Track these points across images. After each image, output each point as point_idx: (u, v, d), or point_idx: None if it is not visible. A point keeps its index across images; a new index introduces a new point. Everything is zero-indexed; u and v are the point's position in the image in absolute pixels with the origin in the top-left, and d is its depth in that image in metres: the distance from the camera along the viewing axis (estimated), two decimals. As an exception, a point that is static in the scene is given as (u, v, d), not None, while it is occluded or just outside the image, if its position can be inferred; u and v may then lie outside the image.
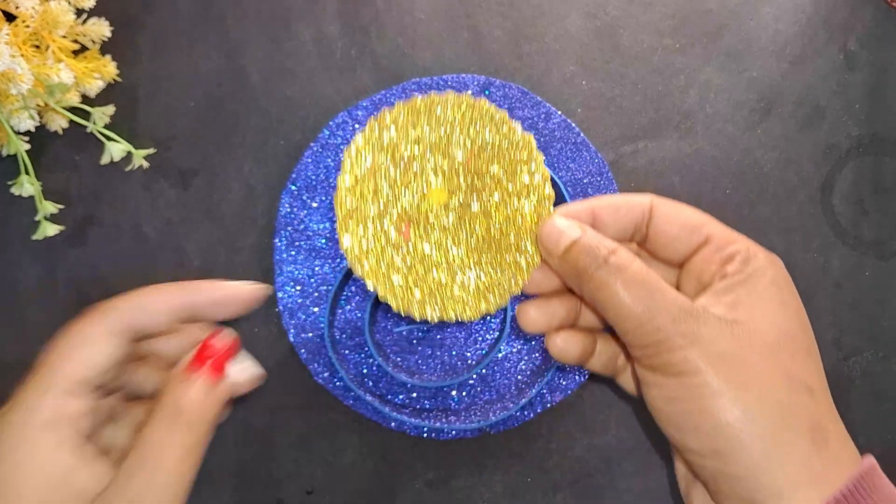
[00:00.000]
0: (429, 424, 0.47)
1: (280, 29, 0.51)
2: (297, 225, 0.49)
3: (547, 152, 0.49)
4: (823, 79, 0.51)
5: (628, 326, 0.29)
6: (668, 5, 0.51)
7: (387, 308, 0.50)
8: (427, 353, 0.50)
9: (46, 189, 0.50)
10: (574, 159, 0.49)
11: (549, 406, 0.49)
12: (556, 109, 0.50)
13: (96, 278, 0.50)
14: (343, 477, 0.50)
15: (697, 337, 0.28)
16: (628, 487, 0.50)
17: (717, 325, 0.29)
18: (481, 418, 0.47)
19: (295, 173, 0.50)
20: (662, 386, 0.29)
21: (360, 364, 0.49)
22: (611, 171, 0.49)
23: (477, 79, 0.50)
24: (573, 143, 0.49)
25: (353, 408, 0.49)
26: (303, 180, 0.50)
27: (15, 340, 0.50)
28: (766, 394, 0.28)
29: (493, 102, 0.48)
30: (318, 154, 0.50)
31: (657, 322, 0.29)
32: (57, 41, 0.47)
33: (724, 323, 0.29)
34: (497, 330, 0.49)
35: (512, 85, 0.49)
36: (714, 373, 0.28)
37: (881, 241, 0.51)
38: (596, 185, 0.49)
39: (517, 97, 0.49)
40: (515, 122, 0.33)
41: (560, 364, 0.48)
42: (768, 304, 0.30)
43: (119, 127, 0.50)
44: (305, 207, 0.49)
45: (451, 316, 0.33)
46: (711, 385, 0.28)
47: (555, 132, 0.49)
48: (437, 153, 0.32)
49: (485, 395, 0.49)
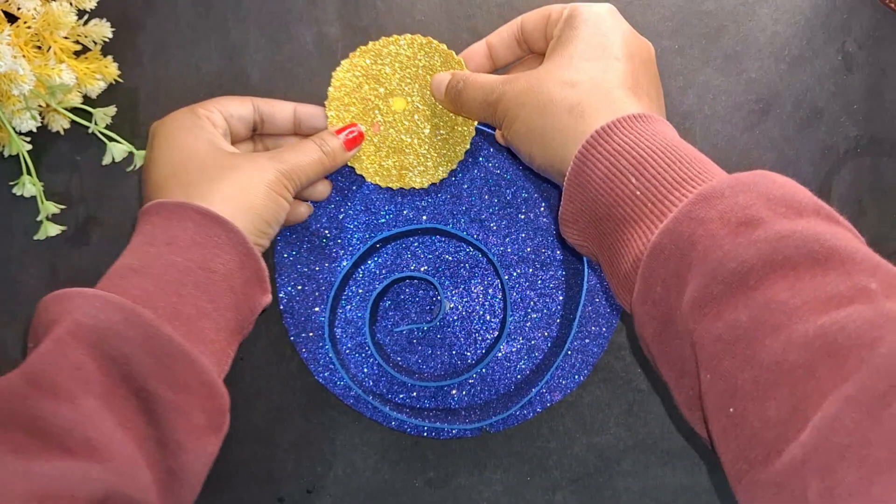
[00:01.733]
0: (429, 424, 0.47)
1: (280, 30, 0.51)
2: (297, 225, 0.49)
3: None
4: (821, 80, 0.51)
5: (477, 114, 0.44)
6: (666, 7, 0.51)
7: (387, 308, 0.50)
8: (427, 352, 0.50)
9: (48, 189, 0.50)
10: None
11: (548, 406, 0.49)
12: None
13: (98, 278, 0.50)
14: (343, 476, 0.50)
15: (503, 94, 0.42)
16: (627, 486, 0.50)
17: (517, 80, 0.41)
18: (481, 417, 0.47)
19: None
20: (506, 136, 0.43)
21: (360, 364, 0.49)
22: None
23: None
24: None
25: (354, 407, 0.49)
26: None
27: (17, 340, 0.50)
28: (541, 95, 0.40)
29: None
30: None
31: (485, 100, 0.43)
32: (58, 42, 0.47)
33: (521, 76, 0.41)
34: (497, 330, 0.50)
35: None
36: (514, 106, 0.41)
37: (879, 241, 0.51)
38: None
39: None
40: (450, 50, 0.47)
41: (560, 363, 0.48)
42: (571, 46, 0.41)
43: (120, 127, 0.50)
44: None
45: (415, 181, 0.48)
46: (510, 113, 0.41)
47: None
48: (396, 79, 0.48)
49: (484, 394, 0.49)
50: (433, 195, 0.50)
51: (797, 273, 0.30)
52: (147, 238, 0.39)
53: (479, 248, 0.49)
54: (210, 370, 0.37)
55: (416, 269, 0.50)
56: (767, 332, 0.30)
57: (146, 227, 0.40)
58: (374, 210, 0.50)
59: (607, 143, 0.37)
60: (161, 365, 0.35)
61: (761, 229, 0.31)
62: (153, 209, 0.40)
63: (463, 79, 0.45)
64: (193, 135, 0.42)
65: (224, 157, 0.42)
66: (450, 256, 0.50)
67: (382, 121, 0.48)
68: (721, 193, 0.33)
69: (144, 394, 0.35)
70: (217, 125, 0.44)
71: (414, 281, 0.50)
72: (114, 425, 0.34)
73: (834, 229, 0.31)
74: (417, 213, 0.49)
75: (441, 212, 0.50)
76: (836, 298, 0.29)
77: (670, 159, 0.36)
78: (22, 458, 0.32)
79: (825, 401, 0.28)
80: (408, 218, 0.49)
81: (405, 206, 0.50)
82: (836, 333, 0.28)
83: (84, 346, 0.34)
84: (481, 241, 0.49)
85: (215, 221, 0.39)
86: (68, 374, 0.34)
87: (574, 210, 0.39)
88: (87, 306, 0.35)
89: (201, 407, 0.37)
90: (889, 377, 0.27)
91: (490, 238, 0.49)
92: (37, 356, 0.34)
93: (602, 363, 0.50)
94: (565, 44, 0.41)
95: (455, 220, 0.50)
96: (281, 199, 0.43)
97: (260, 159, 0.42)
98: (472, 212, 0.50)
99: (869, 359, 0.27)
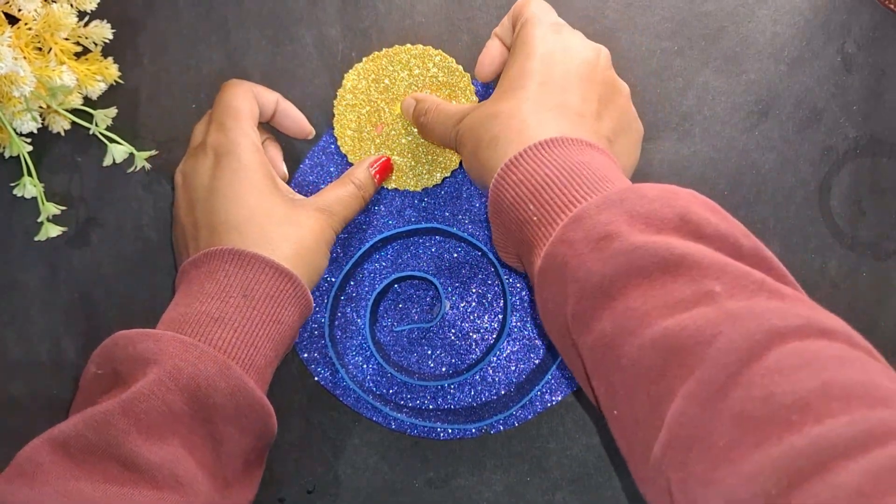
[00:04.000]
0: (429, 424, 0.47)
1: (281, 31, 0.51)
2: None
3: None
4: (821, 81, 0.51)
5: (439, 144, 0.48)
6: (666, 8, 0.51)
7: (387, 308, 0.50)
8: (427, 352, 0.50)
9: (49, 190, 0.50)
10: None
11: (548, 407, 0.49)
12: None
13: (98, 279, 0.51)
14: (343, 476, 0.50)
15: (457, 131, 0.44)
16: (627, 486, 0.50)
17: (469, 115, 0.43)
18: (481, 418, 0.48)
19: (298, 175, 0.50)
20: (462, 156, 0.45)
21: (360, 364, 0.49)
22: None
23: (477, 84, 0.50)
24: None
25: (354, 408, 0.49)
26: (301, 186, 0.50)
27: (18, 340, 0.50)
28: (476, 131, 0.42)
29: None
30: (319, 157, 0.50)
31: (443, 134, 0.46)
32: (59, 43, 0.47)
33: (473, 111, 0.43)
34: (497, 331, 0.50)
35: None
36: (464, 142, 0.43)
37: (878, 242, 0.51)
38: None
39: None
40: (457, 64, 0.50)
41: (559, 364, 0.48)
42: (505, 72, 0.44)
43: (121, 128, 0.50)
44: None
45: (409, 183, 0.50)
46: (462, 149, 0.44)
47: None
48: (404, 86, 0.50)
49: (484, 394, 0.49)
50: (434, 195, 0.50)
51: (650, 281, 0.32)
52: (223, 287, 0.41)
53: (479, 249, 0.49)
54: (272, 413, 0.41)
55: (416, 268, 0.50)
56: (625, 338, 0.32)
57: (220, 274, 0.42)
58: (374, 210, 0.50)
59: (513, 173, 0.39)
60: (239, 413, 0.39)
61: (617, 243, 0.34)
62: (227, 255, 0.42)
63: (427, 109, 0.47)
64: (254, 182, 0.44)
65: (286, 208, 0.44)
66: (450, 256, 0.50)
67: (386, 123, 0.49)
68: (588, 214, 0.35)
69: (219, 435, 0.39)
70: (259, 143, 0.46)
71: (414, 281, 0.50)
72: (195, 464, 0.38)
73: (688, 241, 0.33)
74: (418, 213, 0.50)
75: (441, 212, 0.50)
76: (682, 302, 0.31)
77: (567, 181, 0.37)
78: (118, 486, 0.35)
79: (675, 398, 0.30)
80: (408, 218, 0.50)
81: (406, 207, 0.50)
82: (679, 333, 0.30)
83: (182, 392, 0.38)
84: (482, 242, 0.49)
85: (286, 277, 0.42)
86: (164, 415, 0.37)
87: (500, 236, 0.42)
88: (185, 353, 0.38)
89: (255, 447, 0.41)
90: (725, 368, 0.29)
91: (489, 239, 0.49)
92: (139, 394, 0.37)
93: (602, 364, 0.50)
94: (505, 68, 0.44)
95: (456, 221, 0.50)
96: (327, 250, 0.46)
97: (316, 215, 0.45)
98: (473, 212, 0.50)
99: (707, 354, 0.29)
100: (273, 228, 0.43)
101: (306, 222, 0.44)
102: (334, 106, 0.49)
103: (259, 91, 0.48)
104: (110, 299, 0.50)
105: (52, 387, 0.50)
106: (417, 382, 0.48)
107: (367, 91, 0.49)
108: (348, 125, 0.49)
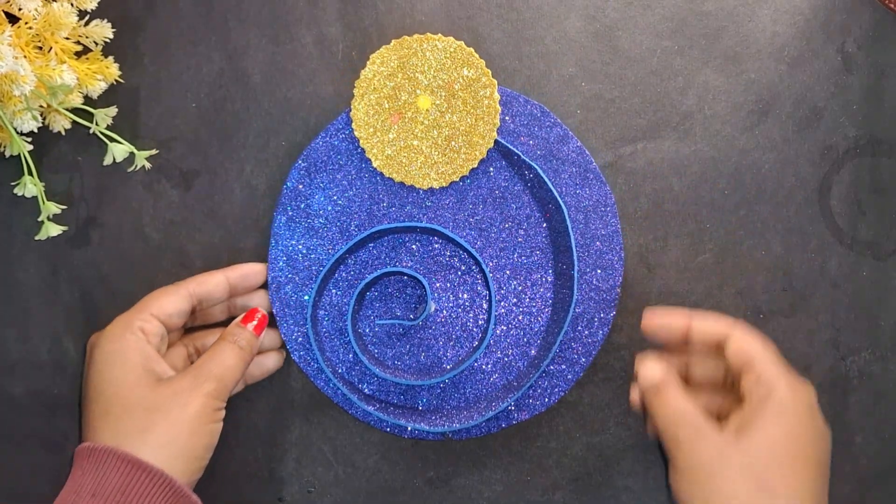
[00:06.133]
0: (392, 420, 0.48)
1: (281, 31, 0.51)
2: (298, 203, 0.49)
3: (557, 176, 0.49)
4: (821, 80, 0.51)
5: (657, 429, 0.43)
6: (666, 8, 0.51)
7: (373, 299, 0.50)
8: (404, 349, 0.50)
9: (49, 190, 0.50)
10: (583, 186, 0.49)
11: (514, 423, 0.49)
12: (573, 135, 0.49)
13: (99, 279, 0.51)
14: (343, 476, 0.50)
15: (683, 447, 0.41)
16: (627, 486, 0.50)
17: (703, 444, 0.40)
18: (445, 422, 0.48)
19: (309, 152, 0.50)
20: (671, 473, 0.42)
21: (336, 348, 0.50)
22: (616, 204, 0.50)
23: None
24: (584, 169, 0.49)
25: (322, 390, 0.50)
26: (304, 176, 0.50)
27: (18, 340, 0.50)
28: (717, 481, 0.39)
29: (514, 117, 0.49)
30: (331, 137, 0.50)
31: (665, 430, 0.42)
32: (59, 43, 0.47)
33: (707, 443, 0.40)
34: (476, 340, 0.50)
35: (534, 102, 0.49)
36: (689, 466, 0.40)
37: (878, 241, 0.51)
38: (600, 215, 0.49)
39: (536, 115, 0.49)
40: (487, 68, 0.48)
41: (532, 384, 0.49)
42: (769, 430, 0.40)
43: (121, 128, 0.50)
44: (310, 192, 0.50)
45: (416, 180, 0.49)
46: (682, 464, 0.41)
47: (569, 156, 0.49)
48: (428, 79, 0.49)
49: (453, 401, 0.49)
50: (438, 196, 0.50)
51: None
52: (76, 486, 0.41)
53: (473, 256, 0.49)
54: None
55: (408, 266, 0.50)
56: None
57: (77, 472, 0.42)
58: (378, 200, 0.50)
59: None
60: None
61: None
62: (84, 452, 0.42)
63: (660, 390, 0.43)
64: (124, 367, 0.44)
65: (152, 393, 0.43)
66: (443, 259, 0.50)
67: (404, 114, 0.48)
68: None
69: None
70: (152, 336, 0.45)
71: (404, 277, 0.50)
72: None
73: None
74: (419, 212, 0.50)
75: (443, 214, 0.50)
76: None
77: None
78: None
79: None
80: (409, 214, 0.50)
81: (409, 203, 0.50)
82: None
83: None
84: (477, 250, 0.49)
85: (141, 470, 0.41)
86: None
87: None
88: None
89: None
90: None
91: (486, 248, 0.50)
92: None
93: (602, 363, 0.50)
94: (754, 430, 0.40)
95: (455, 225, 0.50)
96: (211, 425, 0.44)
97: (184, 393, 0.43)
98: (474, 220, 0.50)
99: None
100: (135, 418, 0.42)
101: (175, 407, 0.43)
102: (355, 87, 0.48)
103: (197, 282, 0.47)
104: (111, 299, 0.50)
105: (53, 387, 0.50)
106: (389, 377, 0.48)
107: (390, 76, 0.48)
108: (366, 109, 0.49)
